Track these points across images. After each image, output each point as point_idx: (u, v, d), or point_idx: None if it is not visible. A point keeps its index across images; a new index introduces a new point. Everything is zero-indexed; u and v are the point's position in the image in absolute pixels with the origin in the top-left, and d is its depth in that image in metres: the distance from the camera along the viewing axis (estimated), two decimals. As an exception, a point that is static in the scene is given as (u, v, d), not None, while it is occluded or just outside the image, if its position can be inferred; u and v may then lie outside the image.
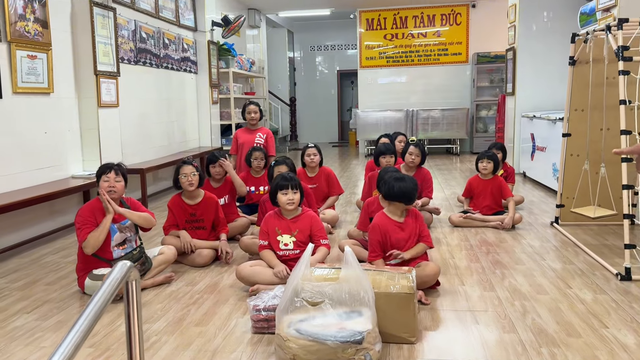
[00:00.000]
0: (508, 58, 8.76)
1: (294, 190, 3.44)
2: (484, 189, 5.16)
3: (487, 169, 5.13)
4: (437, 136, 11.36)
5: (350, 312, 2.48)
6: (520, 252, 4.20)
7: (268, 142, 5.99)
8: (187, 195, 4.17)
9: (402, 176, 3.40)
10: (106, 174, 3.47)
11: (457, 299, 3.24)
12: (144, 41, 6.88)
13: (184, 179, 4.07)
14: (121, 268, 1.27)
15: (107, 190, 3.44)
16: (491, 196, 5.13)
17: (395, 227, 3.37)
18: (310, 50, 15.11)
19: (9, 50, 4.51)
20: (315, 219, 3.53)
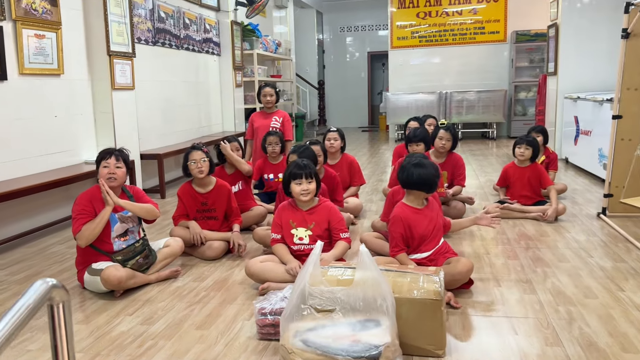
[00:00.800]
0: (550, 35, 8.17)
1: (309, 179, 3.10)
2: (521, 177, 4.72)
3: (524, 155, 4.67)
4: (472, 120, 10.81)
5: (366, 321, 2.14)
6: (564, 248, 3.77)
7: (285, 126, 5.64)
8: (198, 183, 3.88)
9: (422, 162, 3.03)
10: (106, 160, 3.20)
11: (492, 303, 2.86)
12: (163, 21, 6.60)
13: (193, 166, 3.78)
14: (37, 289, 0.95)
15: (107, 177, 3.16)
16: (529, 185, 4.68)
17: (418, 217, 3.01)
18: (339, 32, 14.66)
19: (15, 29, 4.27)
20: (334, 210, 3.18)
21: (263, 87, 5.71)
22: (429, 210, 3.07)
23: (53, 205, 4.73)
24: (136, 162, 5.66)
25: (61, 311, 1.04)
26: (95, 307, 2.96)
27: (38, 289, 0.95)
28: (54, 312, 1.04)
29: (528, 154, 4.65)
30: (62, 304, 1.05)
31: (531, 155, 4.66)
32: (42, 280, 1.00)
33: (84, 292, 3.19)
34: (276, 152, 4.84)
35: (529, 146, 4.65)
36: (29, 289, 0.98)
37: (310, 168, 3.11)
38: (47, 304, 1.03)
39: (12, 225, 4.31)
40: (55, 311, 1.04)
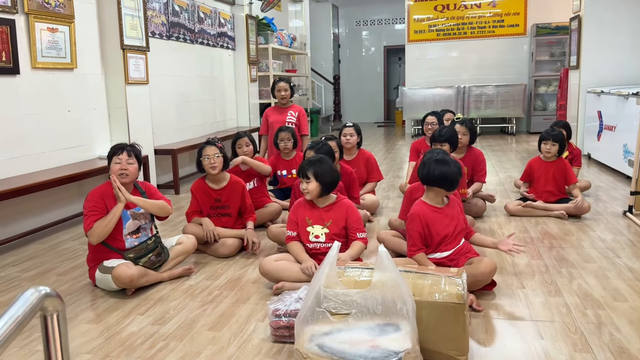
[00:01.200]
0: (572, 28, 7.96)
1: (307, 179, 3.00)
2: (546, 172, 4.54)
3: (551, 152, 4.51)
4: (490, 115, 10.61)
5: (385, 326, 2.04)
6: (589, 247, 3.63)
7: (300, 121, 5.53)
8: (211, 179, 3.80)
9: (444, 158, 2.92)
10: (117, 155, 3.12)
11: (516, 306, 2.74)
12: (177, 15, 6.53)
13: (206, 161, 3.69)
14: (28, 299, 0.86)
15: (119, 173, 3.09)
16: (554, 181, 4.52)
17: (437, 215, 2.89)
18: (355, 26, 14.51)
19: (27, 23, 4.22)
20: (352, 209, 3.07)
21: (277, 81, 5.61)
22: (450, 209, 2.95)
23: (66, 201, 4.69)
24: (150, 158, 5.60)
25: (55, 322, 0.95)
26: (106, 306, 2.90)
27: (29, 299, 0.86)
28: (47, 323, 0.95)
29: (554, 150, 4.50)
30: (56, 314, 0.96)
31: (557, 151, 4.51)
32: (34, 288, 0.91)
33: (95, 290, 3.12)
34: (288, 147, 4.73)
35: (555, 142, 4.48)
36: (19, 298, 0.89)
37: (309, 167, 2.99)
38: (40, 314, 0.94)
39: (24, 221, 4.27)
40: (49, 322, 0.95)
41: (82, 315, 2.79)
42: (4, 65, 4.00)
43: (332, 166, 3.06)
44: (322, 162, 3.02)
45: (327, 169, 2.99)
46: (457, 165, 2.90)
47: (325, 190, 3.01)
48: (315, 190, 2.98)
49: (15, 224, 4.17)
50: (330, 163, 3.07)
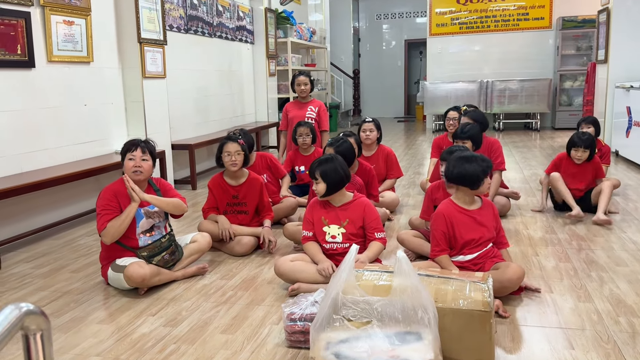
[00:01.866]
0: (600, 21, 7.71)
1: (316, 180, 2.90)
2: (577, 171, 4.30)
3: (582, 158, 4.23)
4: (514, 110, 10.37)
5: (406, 334, 1.92)
6: (619, 250, 3.46)
7: (320, 116, 5.41)
8: (230, 175, 3.70)
9: (467, 155, 2.79)
10: (131, 152, 3.04)
11: (544, 312, 2.60)
12: (196, 8, 6.45)
13: (227, 158, 3.60)
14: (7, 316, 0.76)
15: (133, 170, 3.01)
16: (584, 180, 4.31)
17: (464, 217, 2.75)
18: (376, 19, 14.32)
19: (43, 16, 4.17)
20: (369, 208, 2.95)
21: (297, 75, 5.49)
22: (480, 214, 2.79)
23: (83, 196, 4.65)
24: (167, 153, 5.54)
25: (39, 341, 0.86)
26: (118, 305, 2.83)
27: (8, 317, 0.77)
28: (30, 343, 0.85)
29: (585, 157, 4.23)
30: (39, 333, 0.86)
31: (588, 158, 4.26)
32: (14, 305, 0.81)
33: (108, 289, 3.06)
34: (307, 143, 4.63)
35: (587, 148, 4.20)
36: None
37: (316, 168, 2.90)
38: (22, 334, 0.85)
39: (39, 216, 4.23)
40: (32, 342, 0.85)
41: (94, 315, 2.72)
42: (19, 58, 3.95)
43: (340, 165, 2.91)
44: (329, 161, 2.92)
45: (333, 168, 2.87)
46: (481, 163, 2.74)
47: (331, 189, 2.90)
48: (322, 190, 2.89)
49: (30, 219, 4.14)
50: (338, 162, 2.93)
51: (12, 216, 3.98)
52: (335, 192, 2.92)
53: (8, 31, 3.85)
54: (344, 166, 2.96)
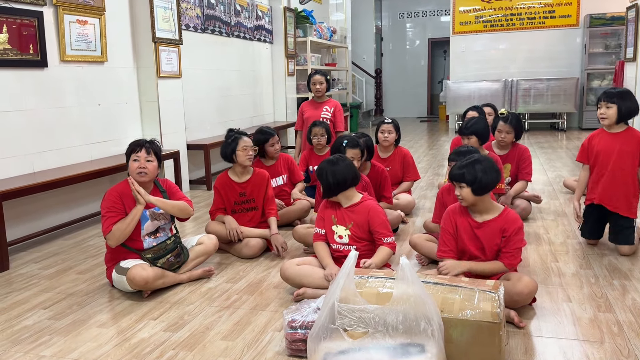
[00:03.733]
0: (629, 18, 7.43)
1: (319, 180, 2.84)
2: (610, 146, 3.24)
3: (608, 117, 3.19)
4: (540, 109, 10.10)
5: (408, 346, 1.81)
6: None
7: (336, 117, 5.30)
8: (237, 172, 3.63)
9: (472, 161, 2.56)
10: (136, 153, 2.97)
11: (561, 322, 2.45)
12: (213, 7, 6.42)
13: (243, 153, 3.54)
14: None
15: (137, 172, 2.95)
16: (619, 159, 3.23)
17: (466, 224, 2.61)
18: (399, 18, 14.15)
19: (56, 15, 4.16)
20: (375, 211, 2.82)
21: (313, 74, 5.39)
22: (480, 230, 2.58)
23: (96, 196, 4.63)
24: (182, 153, 5.51)
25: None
26: (121, 308, 2.78)
27: None
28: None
29: (613, 115, 3.17)
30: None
31: (616, 118, 3.17)
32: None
33: (112, 291, 3.01)
34: (322, 143, 4.53)
35: (612, 103, 3.17)
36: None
37: (321, 170, 2.83)
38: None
39: (52, 216, 4.23)
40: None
41: (95, 318, 2.67)
42: (31, 58, 3.95)
43: (340, 168, 2.80)
44: (330, 163, 2.85)
45: (329, 171, 2.79)
46: (483, 168, 2.50)
47: (327, 192, 2.84)
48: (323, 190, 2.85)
49: (42, 219, 4.14)
50: (340, 166, 2.82)
51: (24, 216, 3.98)
52: (334, 194, 2.84)
53: (21, 31, 3.85)
54: (347, 169, 2.84)
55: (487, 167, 2.52)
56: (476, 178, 2.49)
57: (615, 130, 3.27)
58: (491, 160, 2.62)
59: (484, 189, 2.51)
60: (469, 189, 2.51)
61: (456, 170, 2.56)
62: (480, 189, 2.51)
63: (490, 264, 2.55)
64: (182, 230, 4.16)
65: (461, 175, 2.52)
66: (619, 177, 3.26)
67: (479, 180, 2.49)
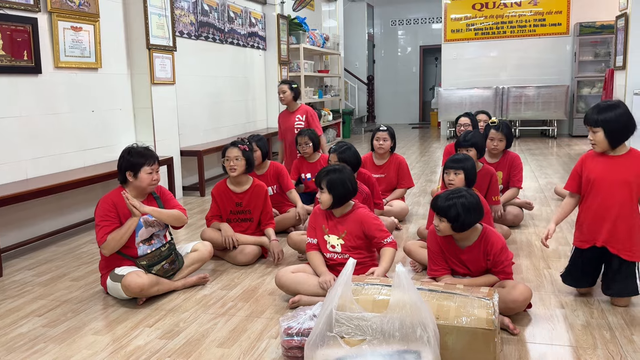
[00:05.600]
0: (618, 27, 7.53)
1: (321, 189, 2.82)
2: (611, 175, 2.60)
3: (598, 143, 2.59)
4: (531, 117, 10.19)
5: (404, 353, 1.83)
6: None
7: (309, 123, 5.28)
8: (233, 182, 3.64)
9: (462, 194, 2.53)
10: (151, 165, 2.98)
11: (554, 329, 2.48)
12: (207, 14, 6.43)
13: (226, 164, 3.55)
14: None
15: (153, 184, 2.98)
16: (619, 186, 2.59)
17: (454, 252, 2.65)
18: (391, 25, 14.24)
19: (51, 21, 4.16)
20: (367, 218, 2.83)
21: (279, 84, 5.39)
22: (464, 255, 2.61)
23: (90, 203, 4.61)
24: (175, 159, 5.51)
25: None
26: (115, 316, 2.77)
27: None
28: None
29: (602, 140, 2.57)
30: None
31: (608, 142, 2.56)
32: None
33: (106, 298, 3.01)
34: (308, 152, 4.55)
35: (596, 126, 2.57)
36: None
37: (323, 177, 2.81)
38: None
39: (46, 222, 4.21)
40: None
41: (90, 325, 2.67)
42: (25, 64, 3.95)
43: (348, 177, 2.81)
44: (337, 172, 2.82)
45: (341, 181, 2.77)
46: (467, 209, 2.47)
47: (337, 202, 2.81)
48: (327, 201, 2.79)
49: (35, 225, 4.12)
50: (346, 174, 2.83)
51: (17, 222, 3.96)
52: (341, 205, 2.84)
53: (15, 37, 3.85)
54: (352, 178, 2.86)
55: (472, 207, 2.48)
56: (459, 218, 2.46)
57: (614, 152, 2.61)
58: (477, 198, 2.56)
59: (463, 227, 2.51)
60: (448, 225, 2.50)
61: (441, 203, 2.50)
62: (459, 227, 2.51)
63: (485, 278, 2.59)
64: (177, 237, 4.15)
65: (445, 211, 2.48)
66: (623, 213, 2.59)
67: (462, 221, 2.47)
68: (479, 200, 2.58)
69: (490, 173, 3.79)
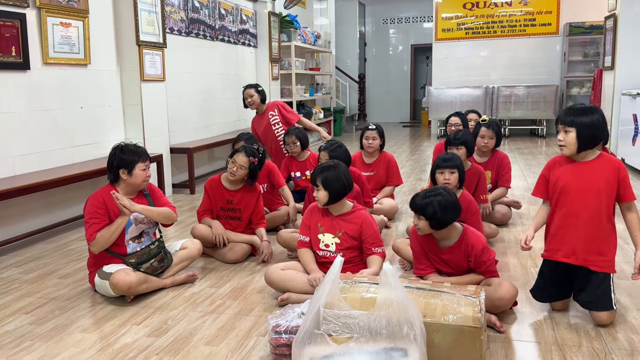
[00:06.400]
0: (607, 27, 7.59)
1: (317, 187, 2.83)
2: (580, 182, 2.47)
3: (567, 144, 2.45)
4: (520, 116, 10.25)
5: (391, 350, 1.84)
6: (621, 262, 3.35)
7: (283, 114, 5.26)
8: (228, 179, 3.63)
9: (439, 192, 2.57)
10: (144, 162, 2.98)
11: (540, 327, 2.51)
12: (197, 11, 6.41)
13: (230, 165, 3.53)
14: None
15: (146, 180, 2.98)
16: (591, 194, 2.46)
17: (435, 252, 2.68)
18: (382, 24, 14.26)
19: (39, 17, 4.13)
20: (367, 222, 2.85)
21: (243, 90, 5.35)
22: (445, 255, 2.64)
23: (79, 199, 4.58)
24: (165, 156, 5.49)
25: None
26: (103, 314, 2.76)
27: None
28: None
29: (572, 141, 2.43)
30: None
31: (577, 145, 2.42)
32: None
33: (95, 296, 3.00)
34: (296, 151, 4.55)
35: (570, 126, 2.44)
36: None
37: (318, 175, 2.81)
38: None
39: (33, 219, 4.19)
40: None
41: (78, 323, 2.66)
42: (13, 60, 3.92)
43: (343, 174, 2.82)
44: (333, 169, 2.82)
45: (336, 177, 2.78)
46: (444, 207, 2.52)
47: (333, 199, 2.82)
48: (324, 198, 2.80)
49: (24, 222, 4.09)
50: (342, 170, 2.84)
51: (5, 219, 3.93)
52: (337, 202, 2.85)
53: (3, 32, 3.81)
54: (347, 174, 2.88)
55: (449, 205, 2.52)
56: (435, 215, 2.50)
57: (582, 158, 2.48)
58: (454, 197, 2.60)
59: (441, 225, 2.54)
60: (426, 223, 2.54)
61: (419, 201, 2.56)
62: (437, 225, 2.54)
63: (471, 277, 2.62)
64: (166, 234, 4.15)
65: (422, 208, 2.53)
66: (592, 222, 2.46)
67: (438, 218, 2.51)
68: (456, 199, 2.62)
69: (479, 172, 3.81)
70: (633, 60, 7.11)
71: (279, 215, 4.13)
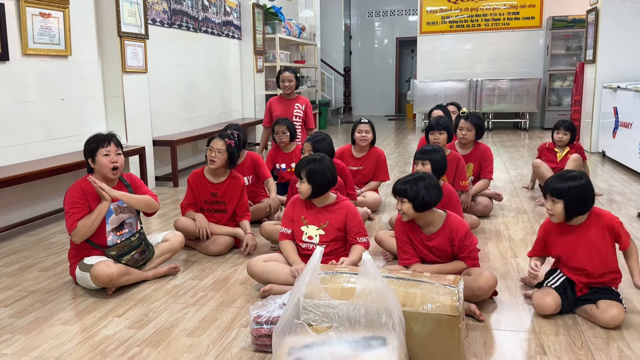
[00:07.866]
0: (589, 21, 7.68)
1: (301, 179, 2.83)
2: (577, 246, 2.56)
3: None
4: (504, 109, 10.33)
5: (370, 339, 1.86)
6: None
7: (307, 114, 5.32)
8: (211, 172, 3.61)
9: (419, 175, 2.63)
10: (105, 147, 2.93)
11: (519, 316, 2.54)
12: (180, 2, 6.35)
13: (208, 153, 3.51)
14: None
15: (112, 166, 2.92)
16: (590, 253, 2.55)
17: (416, 235, 2.70)
18: (367, 16, 14.26)
19: (18, 7, 4.07)
20: (352, 212, 2.87)
21: (282, 71, 5.39)
22: (430, 241, 2.67)
23: (60, 193, 4.53)
24: (148, 149, 5.45)
25: None
26: (84, 306, 2.75)
27: None
28: None
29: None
30: None
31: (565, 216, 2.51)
32: None
33: (76, 288, 2.98)
34: (284, 141, 4.55)
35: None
36: None
37: (302, 167, 2.81)
38: None
39: (14, 212, 4.14)
40: None
41: (58, 316, 2.64)
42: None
43: (327, 167, 2.83)
44: (317, 162, 2.83)
45: (320, 171, 2.79)
46: (426, 186, 2.55)
47: (316, 192, 2.83)
48: (306, 191, 2.81)
49: (4, 215, 4.05)
50: (327, 164, 2.84)
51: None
52: (319, 195, 2.85)
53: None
54: (332, 168, 2.88)
55: (430, 186, 2.56)
56: (418, 195, 2.53)
57: (576, 222, 2.53)
58: (434, 179, 2.66)
59: (425, 206, 2.57)
60: (410, 205, 2.57)
61: (399, 186, 2.59)
62: (421, 206, 2.56)
63: (454, 264, 2.64)
64: (148, 226, 4.13)
65: (404, 191, 2.56)
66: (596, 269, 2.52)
67: (421, 198, 2.53)
68: (437, 180, 2.69)
69: (457, 158, 3.89)
70: (614, 53, 7.20)
71: (261, 207, 4.12)
